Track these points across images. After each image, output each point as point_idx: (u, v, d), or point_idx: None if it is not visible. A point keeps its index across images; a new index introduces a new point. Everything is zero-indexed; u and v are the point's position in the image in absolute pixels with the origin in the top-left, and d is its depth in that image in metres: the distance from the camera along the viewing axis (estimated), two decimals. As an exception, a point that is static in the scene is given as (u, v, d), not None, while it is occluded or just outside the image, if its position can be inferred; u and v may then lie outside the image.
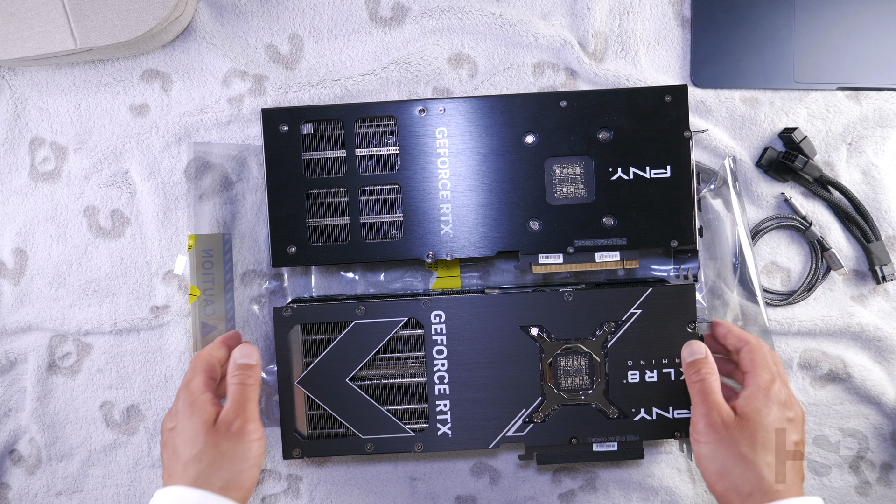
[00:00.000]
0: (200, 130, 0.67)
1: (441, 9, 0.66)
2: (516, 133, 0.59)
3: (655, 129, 0.59)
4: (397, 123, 0.59)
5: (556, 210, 0.59)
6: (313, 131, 0.59)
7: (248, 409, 0.53)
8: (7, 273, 0.69)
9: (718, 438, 0.51)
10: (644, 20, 0.66)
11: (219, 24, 0.67)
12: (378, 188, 0.60)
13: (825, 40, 0.65)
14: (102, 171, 0.68)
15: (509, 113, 0.59)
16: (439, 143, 0.59)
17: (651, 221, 0.59)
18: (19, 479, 0.70)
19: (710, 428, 0.52)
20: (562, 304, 0.58)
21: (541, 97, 0.59)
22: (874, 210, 0.65)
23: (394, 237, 0.60)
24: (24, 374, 0.69)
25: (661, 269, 0.65)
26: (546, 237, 0.59)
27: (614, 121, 0.59)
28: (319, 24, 0.67)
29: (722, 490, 0.51)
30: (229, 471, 0.50)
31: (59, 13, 0.61)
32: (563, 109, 0.59)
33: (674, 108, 0.58)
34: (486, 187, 0.59)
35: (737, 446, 0.51)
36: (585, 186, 0.59)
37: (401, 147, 0.59)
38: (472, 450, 0.66)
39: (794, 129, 0.64)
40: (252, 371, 0.55)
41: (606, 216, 0.59)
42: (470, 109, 0.59)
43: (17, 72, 0.68)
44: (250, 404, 0.54)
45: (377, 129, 0.60)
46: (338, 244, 0.60)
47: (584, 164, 0.59)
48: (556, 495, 0.67)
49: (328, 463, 0.68)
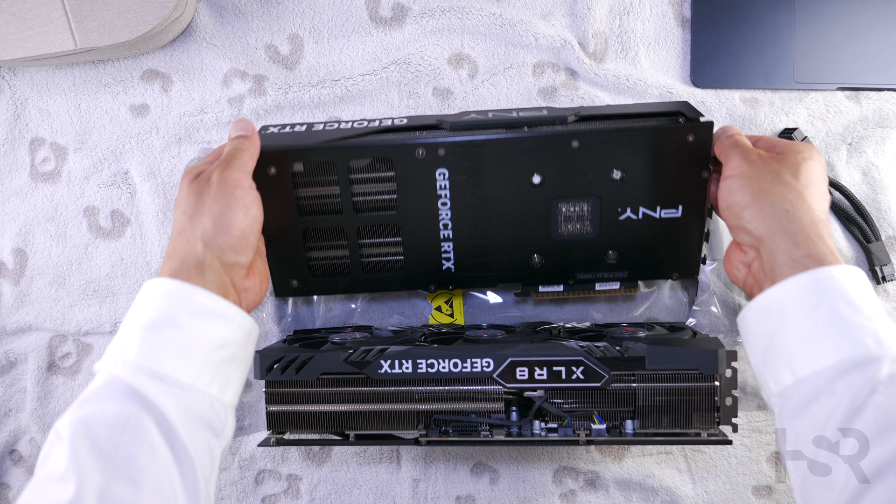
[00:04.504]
0: (200, 130, 0.67)
1: (441, 9, 0.66)
2: (523, 174, 0.54)
3: (672, 169, 0.53)
4: (394, 165, 0.54)
5: (559, 245, 0.57)
6: (303, 168, 0.54)
7: (233, 162, 0.49)
8: (7, 273, 0.69)
9: (755, 167, 0.47)
10: (644, 20, 0.66)
11: (219, 24, 0.67)
12: (377, 226, 0.57)
13: (825, 40, 0.65)
14: (102, 171, 0.68)
15: (515, 154, 0.53)
16: (440, 185, 0.55)
17: (655, 258, 0.57)
18: (19, 479, 0.70)
19: (744, 159, 0.47)
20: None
21: (551, 139, 0.53)
22: (874, 210, 0.65)
23: (394, 272, 0.59)
24: (24, 375, 0.69)
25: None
26: (548, 271, 0.58)
27: (629, 161, 0.53)
28: (319, 25, 0.67)
29: (754, 212, 0.45)
30: (209, 216, 0.47)
31: (59, 13, 0.61)
32: (575, 150, 0.53)
33: (696, 148, 0.52)
34: (488, 226, 0.56)
35: (773, 172, 0.46)
36: (591, 223, 0.56)
37: (399, 189, 0.55)
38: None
39: (794, 130, 0.64)
40: (247, 139, 0.51)
41: (610, 251, 0.57)
42: (472, 151, 0.53)
43: (17, 72, 0.68)
44: (236, 159, 0.49)
45: (373, 168, 0.55)
46: (339, 278, 0.59)
47: (592, 203, 0.55)
48: (557, 495, 0.67)
49: (328, 463, 0.68)
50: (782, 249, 0.44)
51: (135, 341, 0.43)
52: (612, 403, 0.53)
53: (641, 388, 0.53)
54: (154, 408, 0.41)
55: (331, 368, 0.54)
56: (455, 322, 0.67)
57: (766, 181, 0.46)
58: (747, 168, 0.47)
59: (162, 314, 0.44)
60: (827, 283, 0.42)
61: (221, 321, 0.46)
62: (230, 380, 0.46)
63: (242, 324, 0.47)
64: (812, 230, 0.44)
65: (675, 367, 0.52)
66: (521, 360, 0.53)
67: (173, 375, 0.42)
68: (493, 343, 0.55)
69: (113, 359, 0.43)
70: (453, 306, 0.67)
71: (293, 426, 0.55)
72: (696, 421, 0.52)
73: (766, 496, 0.66)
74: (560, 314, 0.67)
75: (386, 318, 0.67)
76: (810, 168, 0.47)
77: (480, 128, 0.54)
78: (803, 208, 0.45)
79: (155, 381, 0.42)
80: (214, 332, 0.45)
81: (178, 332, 0.44)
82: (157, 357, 0.43)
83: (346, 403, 0.54)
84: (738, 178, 0.47)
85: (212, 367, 0.44)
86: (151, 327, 0.43)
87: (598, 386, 0.52)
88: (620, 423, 0.54)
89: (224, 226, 0.47)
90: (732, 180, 0.47)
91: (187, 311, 0.44)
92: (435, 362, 0.53)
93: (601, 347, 0.54)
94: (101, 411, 0.40)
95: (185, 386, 0.43)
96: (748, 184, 0.46)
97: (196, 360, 0.44)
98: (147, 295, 0.45)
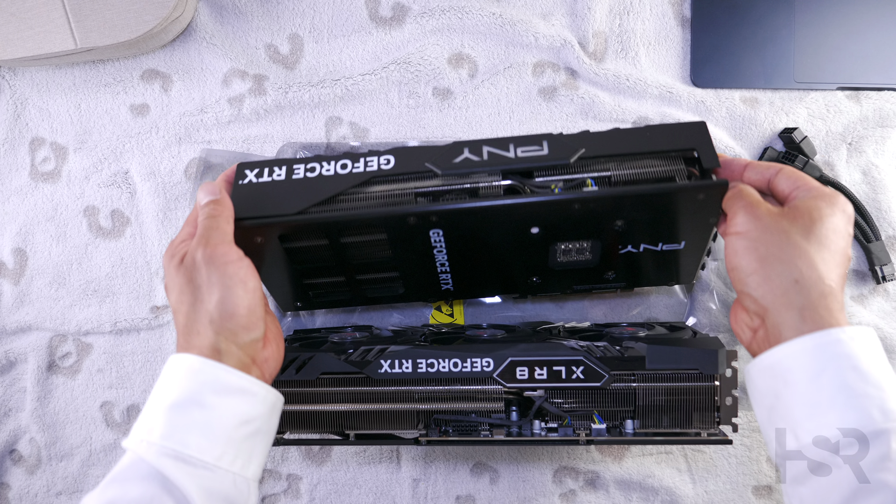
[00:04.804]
0: (200, 130, 0.67)
1: (441, 9, 0.66)
2: (521, 229, 0.50)
3: (678, 219, 0.50)
4: (386, 230, 0.51)
5: (557, 270, 0.56)
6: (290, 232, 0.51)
7: (213, 236, 0.46)
8: (7, 273, 0.69)
9: (762, 226, 0.42)
10: (644, 20, 0.66)
11: (219, 24, 0.67)
12: (374, 264, 0.55)
13: (825, 40, 0.65)
14: (102, 171, 0.68)
15: (513, 216, 0.49)
16: (434, 240, 0.51)
17: (654, 273, 0.57)
18: (19, 479, 0.70)
19: (751, 215, 0.43)
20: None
21: (553, 205, 0.48)
22: (874, 210, 0.65)
23: (394, 296, 0.59)
24: (24, 374, 0.69)
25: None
26: (546, 287, 0.58)
27: (634, 215, 0.49)
28: (319, 24, 0.67)
29: (760, 279, 0.42)
30: (210, 301, 0.45)
31: (59, 13, 0.61)
32: (577, 209, 0.48)
33: (706, 203, 0.47)
34: (486, 263, 0.55)
35: (783, 233, 0.42)
36: (591, 253, 0.53)
37: (392, 247, 0.52)
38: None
39: (795, 129, 0.64)
40: (217, 204, 0.48)
41: (609, 272, 0.56)
42: (466, 216, 0.49)
43: (17, 72, 0.68)
44: (215, 232, 0.47)
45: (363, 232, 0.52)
46: (339, 299, 0.60)
47: (592, 242, 0.53)
48: (557, 495, 0.67)
49: (328, 463, 0.68)
50: (788, 324, 0.41)
51: (159, 421, 0.43)
52: (612, 403, 0.53)
53: (641, 387, 0.52)
54: (177, 490, 0.41)
55: (331, 368, 0.54)
56: (455, 322, 0.67)
57: (774, 244, 0.42)
58: (753, 227, 0.43)
59: (186, 393, 0.44)
60: (833, 347, 0.40)
61: (245, 397, 0.45)
62: (253, 454, 0.46)
63: (266, 397, 0.46)
64: (821, 303, 0.41)
65: (675, 366, 0.52)
66: (521, 359, 0.53)
67: (197, 456, 0.42)
68: (493, 343, 0.55)
69: (138, 438, 0.43)
70: (453, 306, 0.67)
71: (293, 426, 0.55)
72: (696, 421, 0.52)
73: (766, 496, 0.66)
74: (560, 314, 0.67)
75: (386, 318, 0.67)
76: (827, 227, 0.42)
77: (474, 173, 0.49)
78: (813, 278, 0.41)
79: (178, 463, 0.42)
80: (239, 409, 0.45)
81: (203, 412, 0.43)
82: (181, 438, 0.42)
83: (346, 403, 0.54)
84: (744, 239, 0.43)
85: (235, 444, 0.44)
86: (176, 407, 0.43)
87: (598, 386, 0.52)
88: (620, 422, 0.54)
89: (229, 309, 0.45)
90: (738, 240, 0.43)
91: (212, 389, 0.44)
92: (435, 362, 0.53)
93: (601, 347, 0.54)
94: (124, 493, 0.41)
95: (209, 466, 0.43)
96: (754, 246, 0.42)
97: (220, 439, 0.43)
98: (172, 371, 0.45)
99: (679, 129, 0.49)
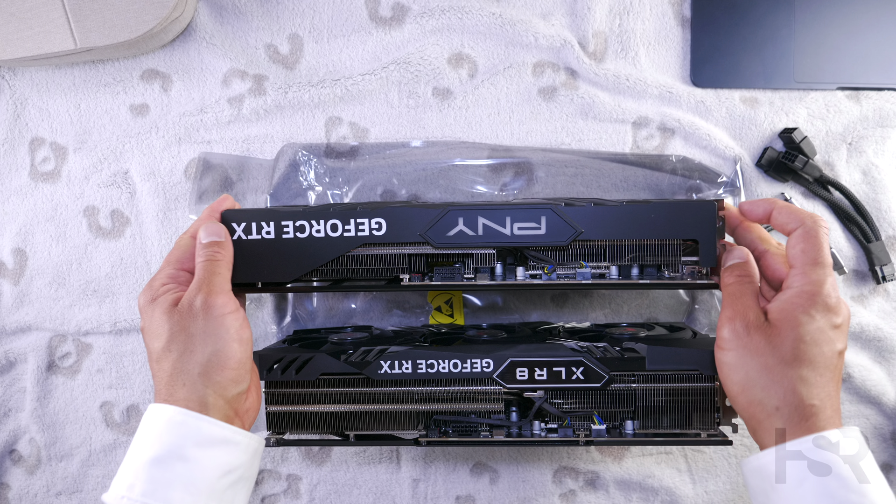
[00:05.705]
0: (200, 130, 0.67)
1: (441, 9, 0.66)
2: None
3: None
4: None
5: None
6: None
7: (214, 283, 0.46)
8: (7, 273, 0.69)
9: (741, 346, 0.44)
10: (644, 20, 0.66)
11: (219, 24, 0.67)
12: None
13: (825, 40, 0.65)
14: (102, 171, 0.68)
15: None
16: None
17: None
18: (19, 479, 0.70)
19: (732, 333, 0.44)
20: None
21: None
22: (874, 210, 0.65)
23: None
24: (23, 374, 0.69)
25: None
26: None
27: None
28: (319, 24, 0.67)
29: (745, 403, 0.44)
30: (203, 352, 0.44)
31: (59, 13, 0.61)
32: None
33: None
34: None
35: (761, 356, 0.43)
36: None
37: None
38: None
39: (794, 129, 0.64)
40: (220, 247, 0.49)
41: None
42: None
43: (17, 72, 0.68)
44: (216, 278, 0.47)
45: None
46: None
47: None
48: (557, 495, 0.67)
49: (328, 463, 0.68)
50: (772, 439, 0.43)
51: (141, 477, 0.42)
52: (612, 404, 0.53)
53: (641, 388, 0.52)
54: None
55: (331, 369, 0.54)
56: (455, 322, 0.67)
57: (754, 369, 0.43)
58: (735, 345, 0.44)
59: (168, 447, 0.43)
60: (814, 454, 0.41)
61: (229, 447, 0.45)
62: (235, 500, 0.46)
63: (249, 445, 0.46)
64: (803, 424, 0.42)
65: (675, 367, 0.52)
66: (521, 360, 0.53)
67: None
68: (493, 343, 0.55)
69: (119, 495, 0.42)
70: (453, 306, 0.67)
71: (293, 426, 0.55)
72: (696, 421, 0.52)
73: (765, 496, 0.66)
74: (560, 314, 0.67)
75: (386, 318, 0.67)
76: (808, 342, 0.43)
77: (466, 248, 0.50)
78: (795, 403, 0.42)
79: None
80: (222, 459, 0.44)
81: (185, 466, 0.43)
82: (163, 494, 0.42)
83: (345, 404, 0.54)
84: (728, 354, 0.45)
85: (218, 494, 0.44)
86: (157, 461, 0.43)
87: (597, 386, 0.52)
88: (620, 423, 0.54)
89: (222, 362, 0.45)
90: (723, 354, 0.45)
91: (194, 441, 0.43)
92: (435, 362, 0.53)
93: (601, 348, 0.54)
94: None
95: None
96: (735, 370, 0.44)
97: (203, 492, 0.43)
98: (152, 423, 0.44)
99: (687, 209, 0.48)
